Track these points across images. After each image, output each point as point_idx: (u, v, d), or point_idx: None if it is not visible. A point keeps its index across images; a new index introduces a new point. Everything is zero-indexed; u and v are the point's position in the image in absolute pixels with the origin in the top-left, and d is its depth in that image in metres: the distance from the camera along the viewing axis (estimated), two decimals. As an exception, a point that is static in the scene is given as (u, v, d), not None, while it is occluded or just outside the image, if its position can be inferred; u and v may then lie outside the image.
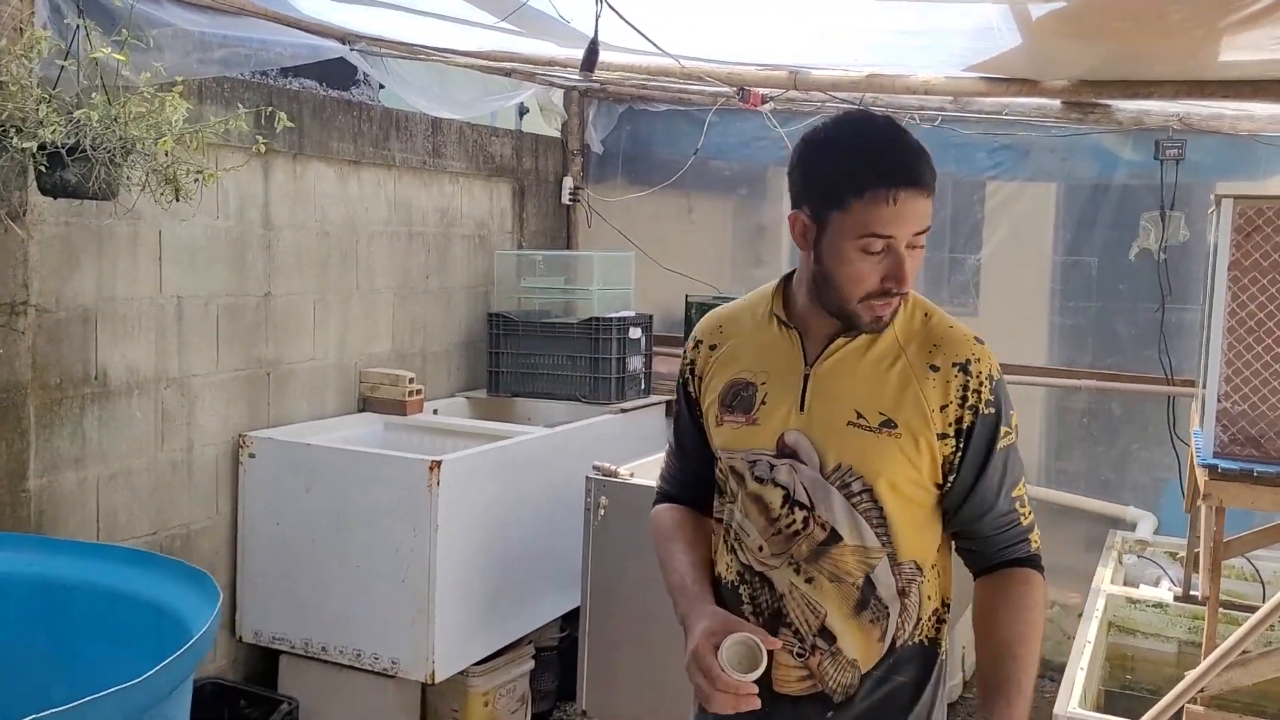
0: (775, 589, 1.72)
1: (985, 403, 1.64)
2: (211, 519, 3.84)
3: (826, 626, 1.69)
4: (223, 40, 3.49)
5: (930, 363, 1.65)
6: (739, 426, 1.73)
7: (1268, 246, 2.71)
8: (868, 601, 1.68)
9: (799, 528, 1.68)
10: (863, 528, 1.66)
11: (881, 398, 1.65)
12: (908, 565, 1.68)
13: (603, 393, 4.75)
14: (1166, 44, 2.82)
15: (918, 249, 1.60)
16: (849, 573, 1.67)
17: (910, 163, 1.57)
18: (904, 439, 1.63)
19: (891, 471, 1.64)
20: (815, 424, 1.67)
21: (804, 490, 1.67)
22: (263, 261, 3.95)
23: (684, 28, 3.31)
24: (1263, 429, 2.73)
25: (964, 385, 1.64)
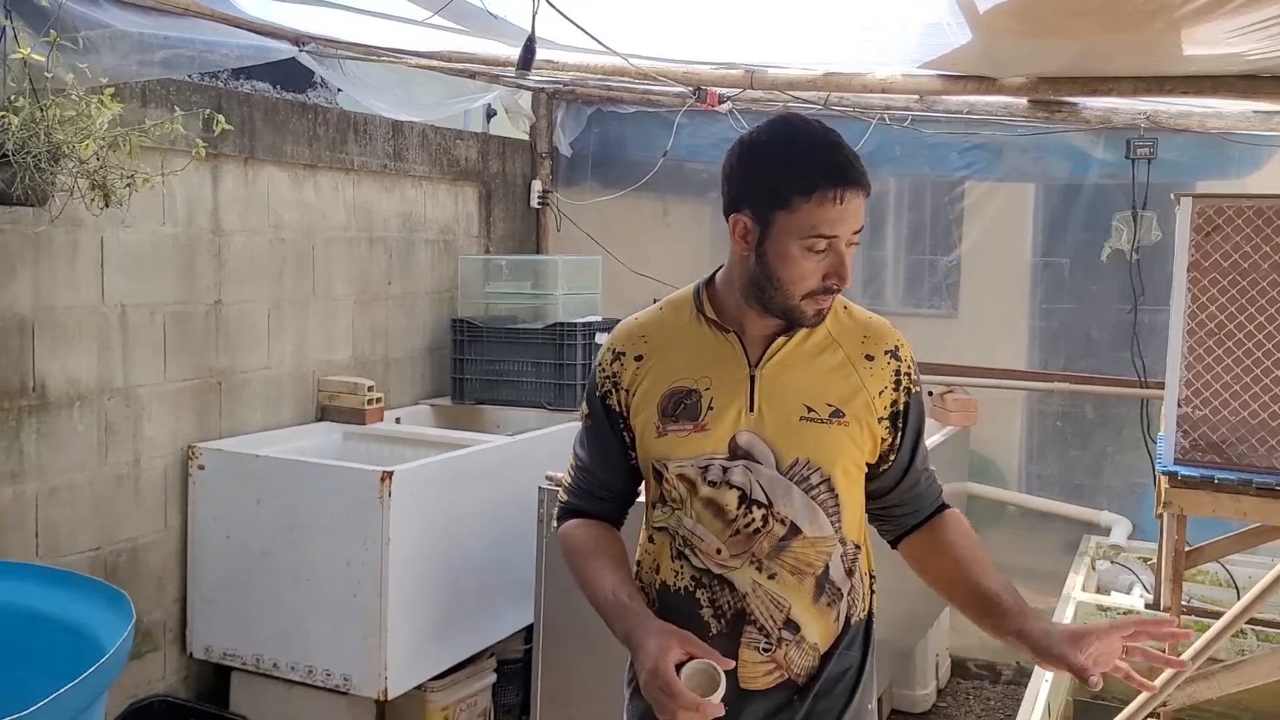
0: (737, 589, 1.73)
1: (914, 382, 1.78)
2: (160, 533, 3.75)
3: (791, 618, 1.74)
4: (163, 41, 3.39)
5: (865, 353, 1.75)
6: (686, 435, 1.73)
7: (1228, 246, 2.64)
8: (824, 587, 1.75)
9: (758, 526, 1.71)
10: (821, 518, 1.72)
11: (828, 390, 1.72)
12: (850, 545, 1.78)
13: (568, 399, 4.67)
14: (1125, 38, 2.75)
15: (854, 246, 1.68)
16: (810, 564, 1.73)
17: (853, 163, 1.63)
18: (851, 426, 1.71)
19: (845, 459, 1.72)
20: (767, 424, 1.70)
21: (761, 489, 1.70)
22: (213, 269, 3.86)
23: (635, 26, 3.24)
24: (1224, 434, 2.65)
25: (897, 370, 1.76)
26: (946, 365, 4.81)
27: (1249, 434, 2.65)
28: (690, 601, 1.76)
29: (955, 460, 4.57)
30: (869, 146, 4.88)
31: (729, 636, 1.74)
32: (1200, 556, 3.50)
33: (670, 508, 1.78)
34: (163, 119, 3.20)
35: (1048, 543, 4.84)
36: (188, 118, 3.54)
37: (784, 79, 3.57)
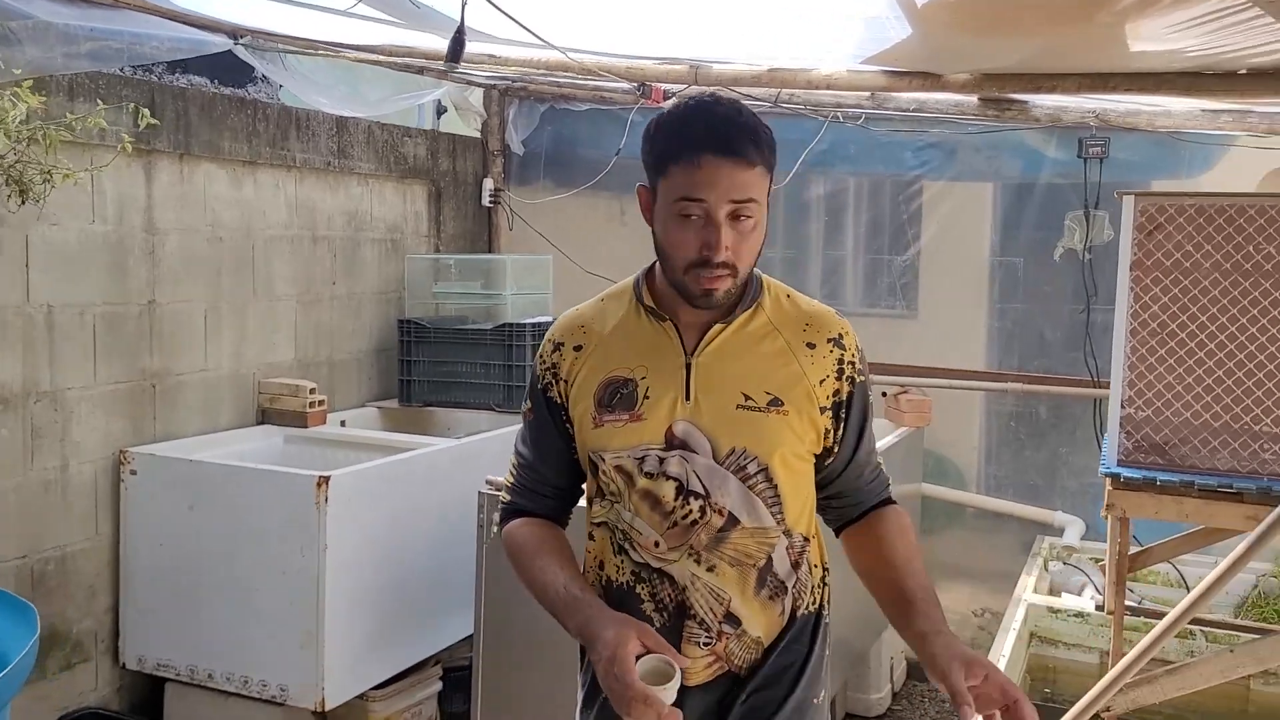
0: (676, 582, 1.70)
1: (859, 372, 1.73)
2: (90, 540, 3.63)
3: (731, 611, 1.70)
4: (90, 33, 3.28)
5: (807, 340, 1.71)
6: (622, 425, 1.70)
7: (1170, 245, 2.60)
8: (765, 580, 1.70)
9: (696, 517, 1.67)
10: (759, 509, 1.68)
11: (766, 378, 1.67)
12: (798, 538, 1.73)
13: (517, 401, 4.59)
14: (1070, 32, 2.71)
15: (745, 221, 1.59)
16: (749, 555, 1.69)
17: (728, 133, 1.57)
18: (791, 415, 1.67)
19: (784, 449, 1.67)
20: (703, 412, 1.67)
21: (698, 479, 1.66)
22: (146, 268, 3.76)
23: (578, 21, 3.17)
24: (1167, 436, 2.62)
25: (840, 359, 1.71)
26: (900, 365, 4.77)
27: (1191, 435, 2.61)
28: (632, 596, 1.73)
29: (909, 461, 4.53)
30: (823, 145, 4.84)
31: (671, 630, 1.70)
32: (1149, 558, 3.48)
33: (609, 501, 1.74)
34: (88, 113, 3.10)
35: (1004, 543, 4.81)
36: (117, 112, 3.43)
37: (729, 75, 3.52)
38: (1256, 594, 4.03)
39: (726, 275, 1.61)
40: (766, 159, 1.60)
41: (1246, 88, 2.79)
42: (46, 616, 3.46)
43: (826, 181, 5.01)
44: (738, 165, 1.56)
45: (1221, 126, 3.88)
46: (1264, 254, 2.54)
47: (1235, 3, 2.23)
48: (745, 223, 1.59)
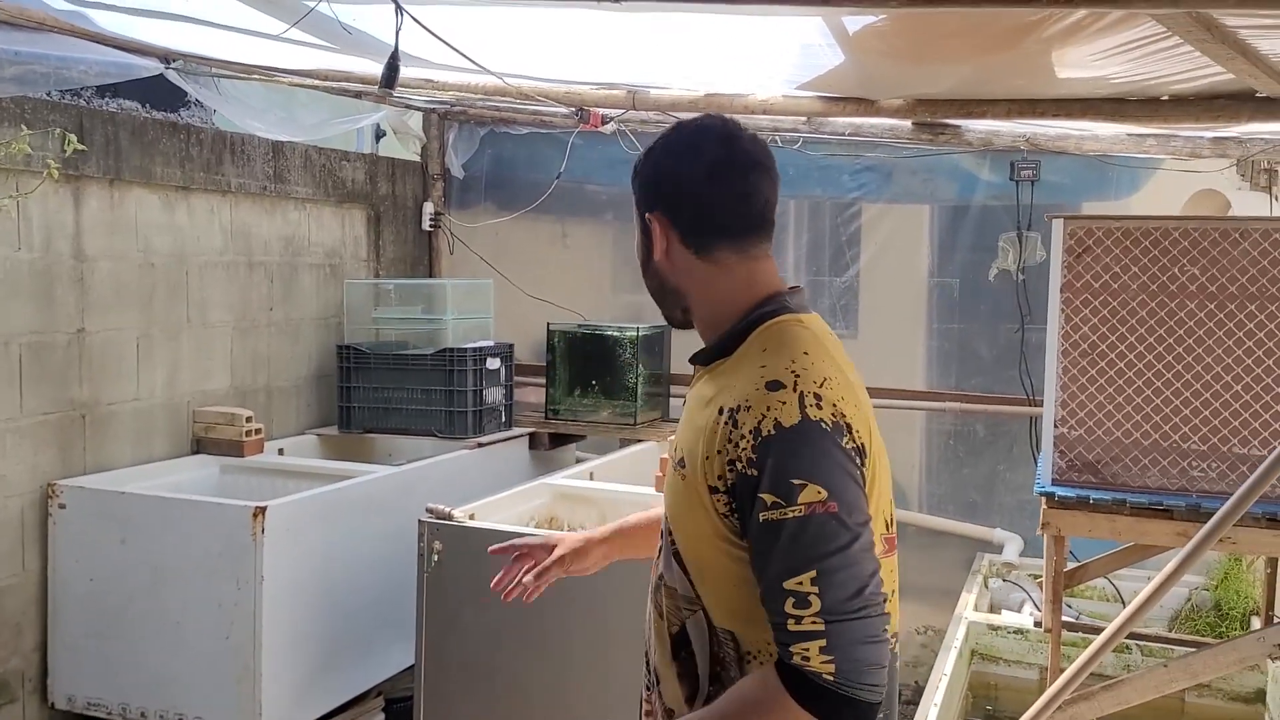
0: (647, 615, 1.64)
1: (746, 461, 1.37)
2: (17, 576, 3.53)
3: (655, 666, 1.58)
4: (15, 57, 3.22)
5: (720, 404, 1.43)
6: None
7: (1098, 268, 2.66)
8: (679, 651, 1.52)
9: (660, 554, 1.61)
10: (674, 569, 1.52)
11: (685, 434, 1.50)
12: (723, 634, 1.46)
13: (459, 427, 4.55)
14: (999, 60, 2.76)
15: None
16: (669, 613, 1.54)
17: None
18: (689, 483, 1.45)
19: (682, 515, 1.48)
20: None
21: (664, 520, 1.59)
22: (74, 296, 3.67)
23: (515, 47, 3.17)
24: (1099, 454, 2.66)
25: (727, 436, 1.39)
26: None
27: (1122, 454, 2.66)
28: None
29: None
30: (762, 168, 4.88)
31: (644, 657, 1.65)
32: (1086, 573, 3.53)
33: None
34: (11, 139, 3.03)
35: (945, 560, 4.86)
36: (43, 137, 3.36)
37: (666, 100, 3.54)
38: (1189, 607, 4.12)
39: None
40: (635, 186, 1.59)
41: (1169, 113, 2.87)
42: (-31, 657, 3.35)
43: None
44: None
45: (1147, 150, 3.98)
46: (1188, 275, 2.60)
47: (1156, 32, 2.29)
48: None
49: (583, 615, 3.06)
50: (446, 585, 3.24)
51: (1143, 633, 3.67)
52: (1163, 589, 2.07)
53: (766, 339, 1.48)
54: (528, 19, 2.86)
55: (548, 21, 2.89)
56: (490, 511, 3.41)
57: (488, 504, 3.48)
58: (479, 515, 3.37)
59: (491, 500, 3.52)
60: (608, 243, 5.60)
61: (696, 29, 2.77)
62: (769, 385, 1.39)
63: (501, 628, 3.20)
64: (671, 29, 2.82)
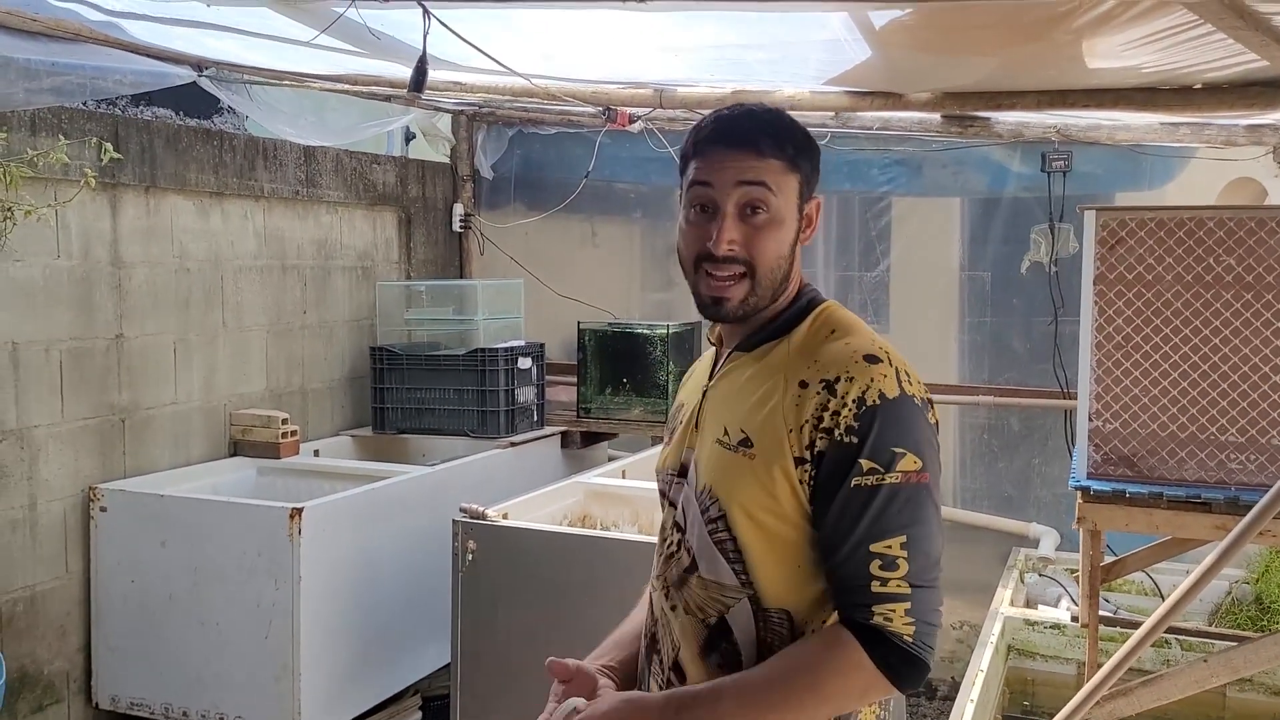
0: (654, 613, 1.61)
1: (845, 429, 1.39)
2: (60, 579, 3.59)
3: (679, 662, 1.54)
4: (52, 68, 3.26)
5: (801, 378, 1.45)
6: (665, 446, 1.67)
7: (1131, 259, 2.63)
8: (717, 644, 1.49)
9: (674, 550, 1.57)
10: (717, 560, 1.49)
11: (748, 415, 1.48)
12: (775, 615, 1.46)
13: (491, 426, 4.58)
14: (1028, 52, 2.74)
15: (759, 215, 1.46)
16: (700, 608, 1.51)
17: (741, 124, 1.49)
18: (758, 461, 1.44)
19: (745, 497, 1.45)
20: (701, 442, 1.55)
21: (683, 512, 1.55)
22: (113, 302, 3.73)
23: (542, 47, 3.18)
24: (1135, 448, 2.64)
25: (823, 405, 1.41)
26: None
27: (1159, 446, 2.64)
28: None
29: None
30: (791, 164, 4.88)
31: (644, 660, 1.63)
32: (1123, 568, 3.49)
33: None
34: (49, 148, 3.08)
35: (980, 556, 4.82)
36: (80, 146, 3.42)
37: (693, 98, 3.54)
38: (1230, 601, 4.07)
39: (738, 279, 1.48)
40: (788, 154, 1.47)
41: (1202, 102, 2.83)
42: (16, 658, 3.41)
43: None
44: (747, 154, 1.46)
45: (1180, 139, 3.94)
46: (1224, 265, 2.57)
47: (1188, 20, 2.26)
48: (759, 216, 1.46)
49: (614, 613, 3.06)
50: (481, 584, 3.26)
51: (1182, 627, 3.63)
52: (1200, 583, 2.05)
53: (831, 320, 1.52)
54: (554, 19, 2.87)
55: (574, 21, 2.91)
56: (523, 511, 3.43)
57: (521, 503, 3.50)
58: (512, 514, 3.39)
59: (524, 499, 3.54)
60: (636, 241, 5.61)
61: (722, 26, 2.77)
62: (867, 359, 1.43)
63: (536, 626, 3.21)
64: (697, 26, 2.82)
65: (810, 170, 1.51)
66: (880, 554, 1.37)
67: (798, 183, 1.49)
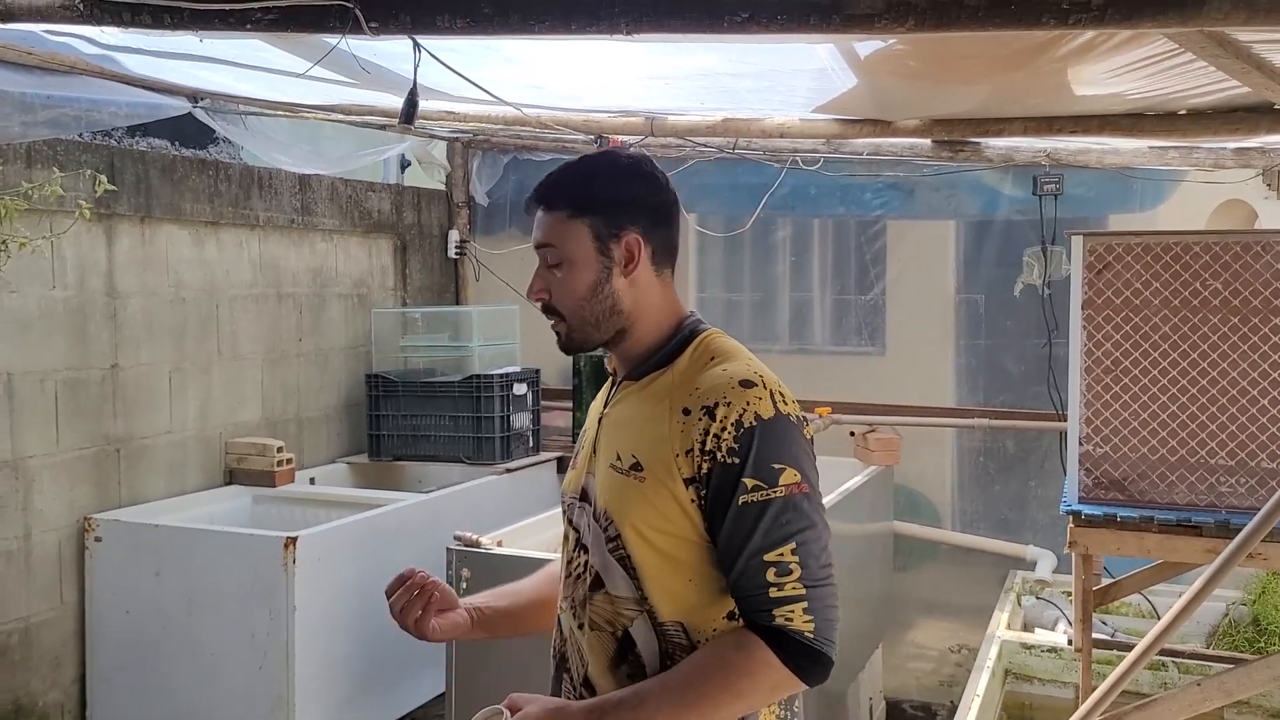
0: (563, 632, 1.69)
1: (727, 450, 1.49)
2: (55, 610, 3.59)
3: (589, 677, 1.62)
4: (47, 101, 3.30)
5: (684, 405, 1.55)
6: (569, 471, 1.76)
7: (1119, 284, 2.65)
8: (624, 656, 1.59)
9: (580, 571, 1.65)
10: (616, 576, 1.59)
11: (637, 440, 1.59)
12: (671, 627, 1.56)
13: (487, 453, 4.58)
14: (1012, 79, 2.76)
15: (553, 267, 1.61)
16: (607, 623, 1.60)
17: (542, 182, 1.64)
18: (648, 484, 1.55)
19: (636, 517, 1.55)
20: (598, 466, 1.65)
21: (587, 533, 1.64)
22: (108, 332, 3.74)
23: (533, 76, 3.21)
24: (1125, 471, 2.64)
25: (705, 430, 1.51)
26: (869, 404, 4.80)
27: (1149, 470, 2.64)
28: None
29: (879, 500, 4.54)
30: (784, 188, 4.90)
31: (553, 680, 1.71)
32: (1119, 590, 3.49)
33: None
34: (44, 181, 3.10)
35: (978, 578, 4.82)
36: (75, 178, 3.44)
37: (684, 125, 3.56)
38: (1227, 623, 4.06)
39: (556, 320, 1.63)
40: (574, 203, 1.59)
41: (1187, 128, 2.85)
42: (10, 690, 3.41)
43: (790, 224, 5.08)
44: (540, 211, 1.62)
45: (1169, 162, 3.96)
46: (1210, 289, 2.58)
47: (1170, 48, 2.29)
48: (555, 268, 1.60)
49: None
50: (475, 612, 3.25)
51: (1179, 649, 3.62)
52: (1191, 606, 2.05)
53: (710, 349, 1.62)
54: (544, 49, 2.90)
55: (564, 51, 2.93)
56: (518, 538, 3.43)
57: (516, 530, 3.49)
58: (506, 542, 3.38)
59: (519, 526, 3.54)
60: (633, 265, 5.63)
61: (712, 54, 2.80)
62: (742, 384, 1.54)
63: (530, 654, 3.20)
64: (686, 54, 2.85)
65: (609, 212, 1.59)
66: (774, 562, 1.47)
67: (586, 228, 1.59)
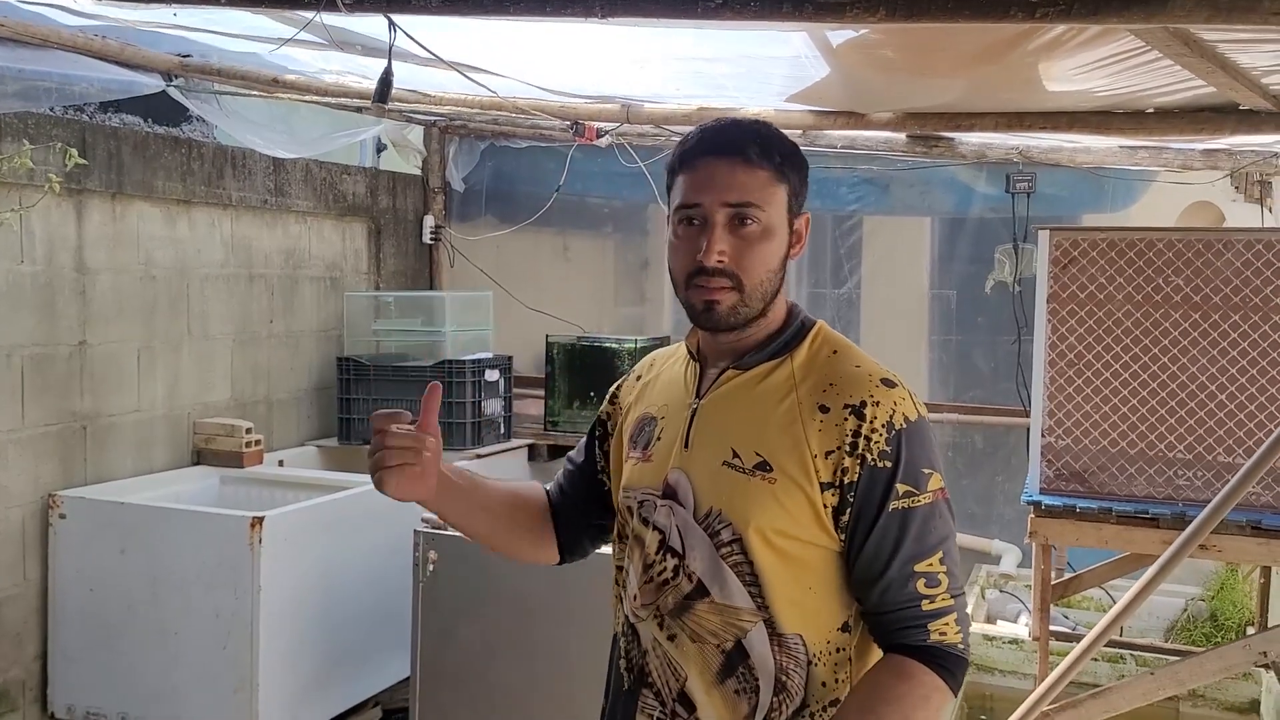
0: (642, 644, 1.54)
1: (879, 454, 1.40)
2: (18, 586, 3.56)
3: (686, 692, 1.50)
4: (19, 74, 3.27)
5: (820, 403, 1.44)
6: (637, 463, 1.59)
7: (1084, 278, 2.68)
8: (734, 669, 1.47)
9: (669, 576, 1.50)
10: (730, 584, 1.46)
11: (761, 437, 1.46)
12: (792, 639, 1.45)
13: (458, 438, 4.58)
14: (983, 73, 2.79)
15: (748, 226, 1.44)
16: (713, 634, 1.48)
17: (729, 134, 1.47)
18: (779, 485, 1.43)
19: (763, 521, 1.43)
20: (695, 462, 1.50)
21: (678, 535, 1.50)
22: (76, 308, 3.72)
23: (510, 61, 3.21)
24: (1086, 464, 2.68)
25: (854, 431, 1.41)
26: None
27: (1109, 462, 2.68)
28: (615, 649, 1.61)
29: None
30: (760, 181, 4.93)
31: (630, 694, 1.56)
32: (1079, 584, 3.54)
33: (621, 543, 1.63)
34: (14, 153, 3.08)
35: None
36: (45, 152, 3.41)
37: (660, 113, 3.57)
38: (1186, 618, 4.12)
39: (728, 288, 1.45)
40: (777, 165, 1.45)
41: (1154, 126, 2.89)
42: (-30, 666, 3.39)
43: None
44: (735, 164, 1.43)
45: (1139, 162, 4.01)
46: (1173, 286, 2.62)
47: (1136, 46, 2.31)
48: (749, 228, 1.44)
49: (579, 624, 3.08)
50: (441, 595, 3.27)
51: (1137, 643, 3.68)
52: (1142, 595, 2.08)
53: (830, 341, 1.52)
54: (521, 33, 2.90)
55: (541, 35, 2.93)
56: (485, 521, 3.43)
57: (483, 514, 3.49)
58: (474, 525, 3.38)
59: (487, 510, 3.54)
60: (609, 255, 5.64)
61: (688, 38, 2.81)
62: (884, 383, 1.45)
63: (496, 637, 3.22)
64: (663, 37, 2.85)
65: (799, 182, 1.49)
66: (924, 573, 1.40)
67: (786, 194, 1.47)
